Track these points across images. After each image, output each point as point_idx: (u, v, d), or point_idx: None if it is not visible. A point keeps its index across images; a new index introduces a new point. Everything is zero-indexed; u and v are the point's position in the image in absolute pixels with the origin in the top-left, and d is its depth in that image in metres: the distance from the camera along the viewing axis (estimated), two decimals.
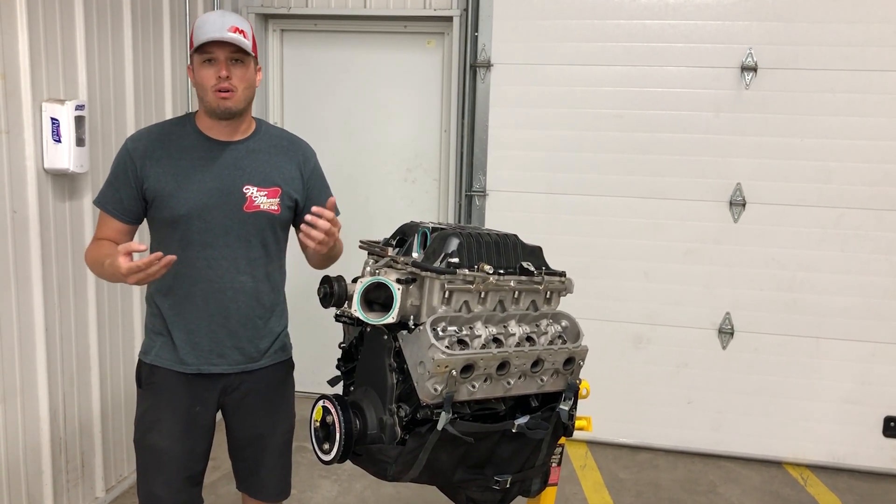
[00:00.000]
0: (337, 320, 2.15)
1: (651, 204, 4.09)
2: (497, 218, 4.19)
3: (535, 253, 2.07)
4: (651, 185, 4.07)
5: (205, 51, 2.06)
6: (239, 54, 2.08)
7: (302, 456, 3.77)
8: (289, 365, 2.40)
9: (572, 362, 2.00)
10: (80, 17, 3.05)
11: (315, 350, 3.50)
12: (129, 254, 1.90)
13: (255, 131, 2.24)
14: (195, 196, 2.12)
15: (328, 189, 2.37)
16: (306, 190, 2.28)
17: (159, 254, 1.90)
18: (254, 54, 2.12)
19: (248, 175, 2.17)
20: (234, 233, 2.16)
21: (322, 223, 1.97)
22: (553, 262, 2.11)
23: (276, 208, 2.20)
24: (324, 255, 2.12)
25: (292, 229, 2.34)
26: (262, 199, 2.18)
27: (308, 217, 1.98)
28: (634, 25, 3.98)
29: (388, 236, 2.15)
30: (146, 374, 2.25)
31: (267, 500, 2.40)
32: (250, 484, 2.38)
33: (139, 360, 2.28)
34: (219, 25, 2.04)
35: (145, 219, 2.23)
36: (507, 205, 4.22)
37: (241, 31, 2.07)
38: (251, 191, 2.16)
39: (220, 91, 2.07)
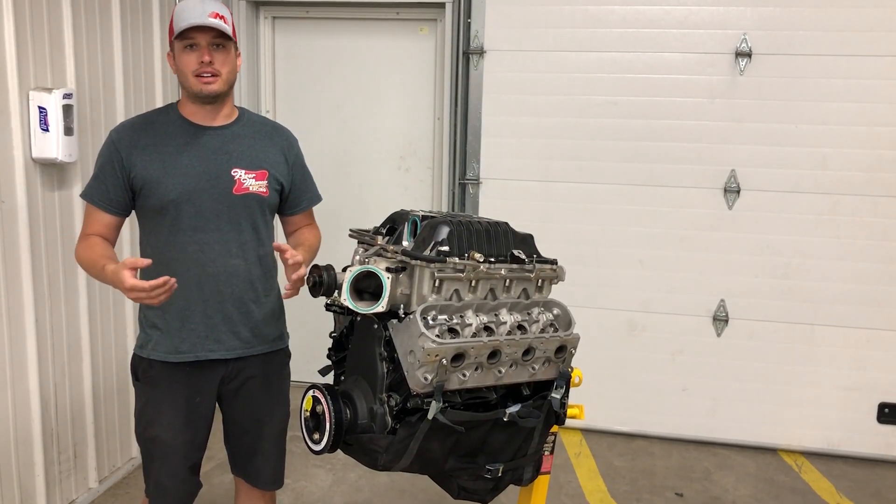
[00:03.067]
0: (327, 309, 2.14)
1: (645, 191, 4.07)
2: (491, 206, 4.17)
3: (527, 241, 2.05)
4: (645, 173, 4.05)
5: (186, 36, 2.07)
6: (220, 39, 2.09)
7: (296, 445, 3.75)
8: (286, 353, 2.41)
9: (564, 350, 1.99)
10: (68, 3, 3.01)
11: (306, 339, 3.48)
12: (135, 269, 1.90)
13: (239, 117, 2.26)
14: (183, 180, 2.12)
15: (310, 176, 2.41)
16: (291, 176, 2.30)
17: (166, 278, 1.89)
18: (234, 39, 2.13)
19: (235, 158, 2.18)
20: (224, 216, 2.16)
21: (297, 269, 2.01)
22: (547, 249, 2.09)
23: (264, 190, 2.21)
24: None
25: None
26: (251, 182, 2.18)
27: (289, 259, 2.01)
28: (629, 11, 3.96)
29: (378, 225, 2.14)
30: (144, 368, 2.24)
31: (262, 488, 2.40)
32: (247, 470, 2.39)
33: (135, 354, 2.27)
34: (199, 11, 2.05)
35: (132, 211, 2.22)
36: (500, 192, 4.20)
37: (222, 17, 2.08)
38: (239, 173, 2.17)
39: (201, 76, 2.09)
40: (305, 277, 1.98)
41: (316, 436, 1.95)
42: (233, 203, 2.16)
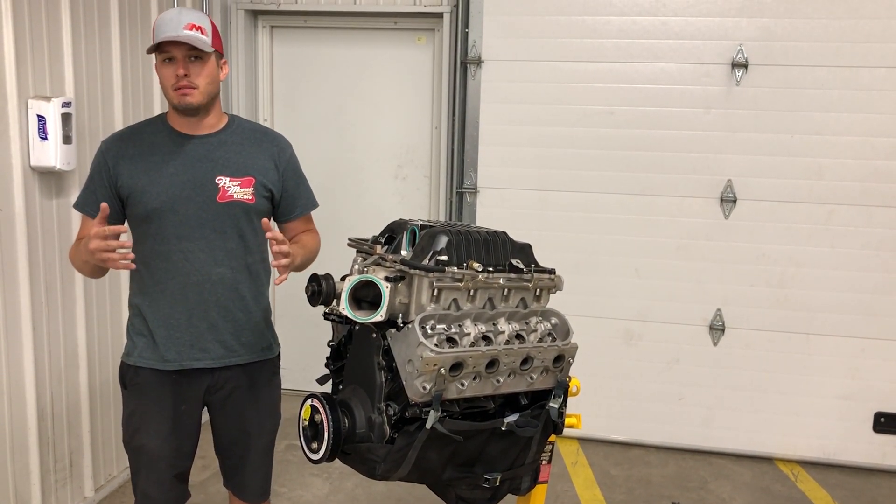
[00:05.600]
0: (326, 318, 2.13)
1: (642, 200, 4.09)
2: (488, 215, 4.18)
3: (525, 250, 2.06)
4: (642, 182, 4.07)
5: (163, 50, 2.07)
6: (196, 51, 2.08)
7: (293, 454, 3.76)
8: (275, 364, 2.40)
9: (562, 360, 1.99)
10: (67, 13, 3.02)
11: (304, 348, 3.49)
12: (105, 219, 1.94)
13: (227, 125, 2.25)
14: (167, 189, 2.13)
15: (305, 181, 2.38)
16: (282, 181, 2.29)
17: (126, 231, 1.99)
18: (213, 50, 2.11)
19: (220, 166, 2.18)
20: (209, 224, 2.16)
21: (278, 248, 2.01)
22: (544, 258, 2.10)
23: (250, 198, 2.20)
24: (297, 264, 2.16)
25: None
26: (236, 189, 2.18)
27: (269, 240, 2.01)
28: (625, 22, 3.98)
29: (376, 234, 2.14)
30: (131, 376, 2.25)
31: (250, 500, 2.40)
32: (236, 483, 2.39)
33: (122, 362, 2.28)
34: (174, 24, 2.05)
35: (125, 221, 2.23)
36: (498, 201, 4.21)
37: (199, 28, 2.07)
38: (224, 181, 2.17)
39: (179, 89, 2.09)
40: (305, 287, 1.98)
41: (314, 445, 1.95)
42: (217, 211, 2.16)
